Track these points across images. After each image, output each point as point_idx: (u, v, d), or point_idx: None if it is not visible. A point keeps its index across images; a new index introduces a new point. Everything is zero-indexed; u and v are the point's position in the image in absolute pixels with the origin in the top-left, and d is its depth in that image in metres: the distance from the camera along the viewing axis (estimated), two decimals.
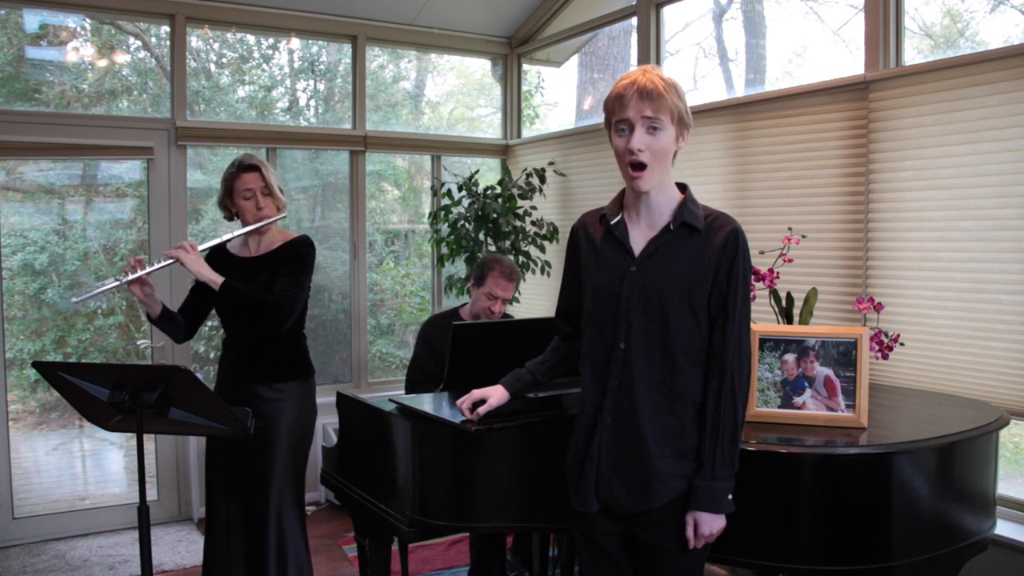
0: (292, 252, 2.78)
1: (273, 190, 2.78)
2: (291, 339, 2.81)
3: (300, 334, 2.87)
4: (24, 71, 4.21)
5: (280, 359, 2.77)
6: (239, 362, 2.79)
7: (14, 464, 4.03)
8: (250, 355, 2.77)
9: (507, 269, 3.28)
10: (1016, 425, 2.81)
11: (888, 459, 1.94)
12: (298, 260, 2.76)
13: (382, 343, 5.41)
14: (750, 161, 3.56)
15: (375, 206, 5.46)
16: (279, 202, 2.81)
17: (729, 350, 1.82)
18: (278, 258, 2.78)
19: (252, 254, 2.83)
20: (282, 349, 2.78)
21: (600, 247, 1.93)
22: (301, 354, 2.85)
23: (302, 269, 2.75)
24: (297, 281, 2.71)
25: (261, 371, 2.75)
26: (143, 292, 2.58)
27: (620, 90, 1.81)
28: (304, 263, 2.76)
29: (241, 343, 2.79)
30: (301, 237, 2.84)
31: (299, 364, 2.83)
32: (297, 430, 2.78)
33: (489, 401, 2.10)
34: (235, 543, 2.76)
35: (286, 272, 2.72)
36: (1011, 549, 2.66)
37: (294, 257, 2.76)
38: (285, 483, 2.75)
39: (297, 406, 2.78)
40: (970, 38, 3.15)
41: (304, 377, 2.83)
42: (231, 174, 2.78)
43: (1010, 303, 2.66)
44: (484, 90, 5.69)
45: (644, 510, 1.85)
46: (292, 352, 2.81)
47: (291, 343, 2.81)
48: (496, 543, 3.24)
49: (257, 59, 5.05)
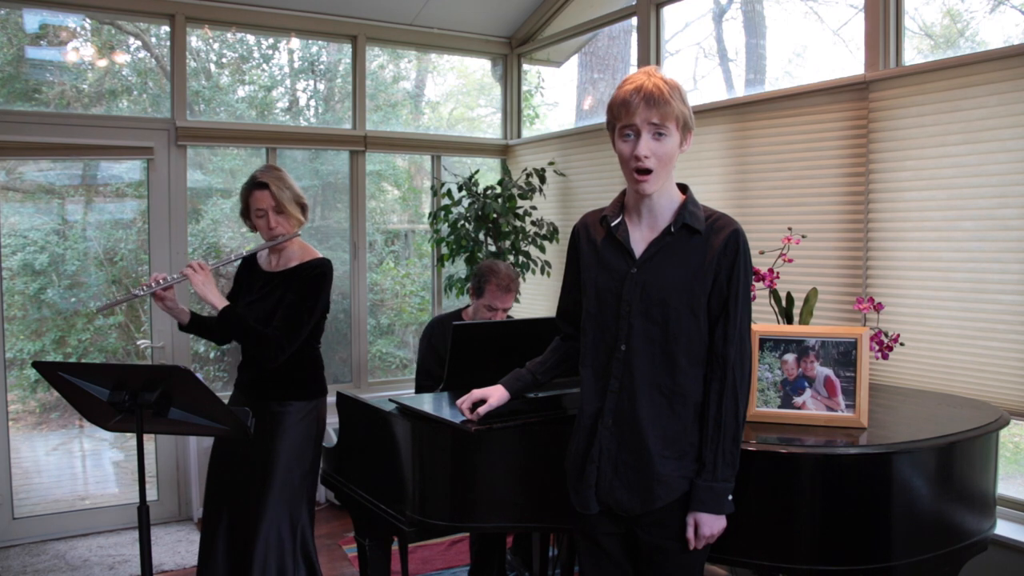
0: (301, 277, 2.71)
1: (285, 208, 2.71)
2: (299, 357, 2.75)
3: (311, 351, 2.82)
4: (24, 71, 4.21)
5: (285, 378, 2.74)
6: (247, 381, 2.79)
7: (14, 464, 4.03)
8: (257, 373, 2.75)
9: (504, 281, 3.19)
10: (1016, 425, 2.80)
11: (888, 459, 1.94)
12: (305, 287, 2.69)
13: (382, 343, 5.41)
14: (750, 161, 3.56)
15: (375, 206, 5.46)
16: (295, 219, 2.74)
17: (731, 351, 1.82)
18: (289, 279, 2.72)
19: (272, 269, 2.80)
20: (288, 368, 2.73)
21: (601, 249, 1.93)
22: (309, 374, 2.80)
23: (306, 298, 2.67)
24: (296, 314, 2.65)
25: (266, 388, 2.74)
26: (165, 305, 2.62)
27: (625, 95, 1.80)
28: (312, 292, 2.69)
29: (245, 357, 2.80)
30: (315, 261, 2.75)
31: (305, 384, 2.78)
32: (297, 449, 2.72)
33: (489, 401, 2.10)
34: (224, 549, 2.73)
35: (288, 302, 2.67)
36: (1011, 549, 2.66)
37: (302, 283, 2.70)
38: (281, 501, 2.69)
39: (298, 425, 2.73)
40: (970, 38, 3.15)
41: (308, 397, 2.77)
42: (246, 190, 2.76)
43: (1010, 303, 2.66)
44: (484, 90, 5.69)
45: (645, 512, 1.85)
46: (300, 371, 2.76)
47: (298, 362, 2.75)
48: (496, 543, 3.24)
49: (257, 59, 5.05)
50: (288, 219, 2.73)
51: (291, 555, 2.75)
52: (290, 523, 2.73)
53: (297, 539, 2.76)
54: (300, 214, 2.78)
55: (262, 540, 2.67)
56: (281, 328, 2.63)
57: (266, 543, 2.68)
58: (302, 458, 2.75)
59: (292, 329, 2.64)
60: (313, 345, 2.83)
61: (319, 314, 2.75)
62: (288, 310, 2.66)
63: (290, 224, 2.74)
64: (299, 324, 2.66)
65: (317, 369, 2.84)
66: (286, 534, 2.72)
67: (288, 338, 2.63)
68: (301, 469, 2.75)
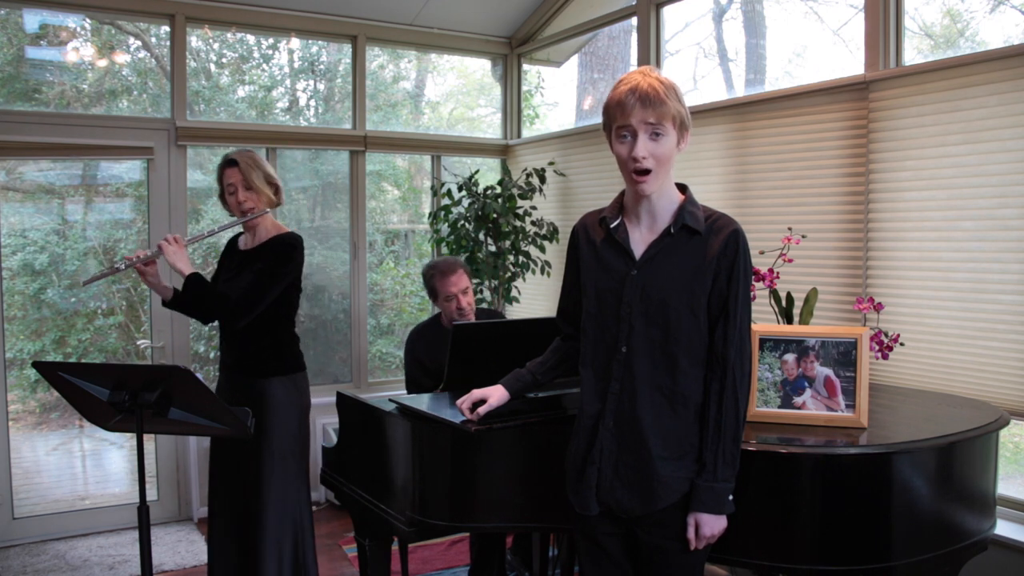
0: (270, 249, 2.79)
1: (254, 184, 2.77)
2: (272, 336, 2.82)
3: (284, 331, 2.88)
4: (24, 71, 4.21)
5: (260, 355, 2.80)
6: (228, 361, 2.87)
7: (14, 464, 4.03)
8: (235, 352, 2.84)
9: (443, 266, 3.24)
10: (1016, 425, 2.80)
11: (888, 459, 1.94)
12: (272, 258, 2.76)
13: (382, 343, 5.42)
14: (750, 161, 3.56)
15: (375, 206, 5.46)
16: (265, 196, 2.81)
17: (731, 351, 1.82)
18: (259, 254, 2.80)
19: (247, 247, 2.88)
20: (262, 345, 2.81)
21: (601, 250, 1.93)
22: (285, 350, 2.86)
23: (273, 268, 2.74)
24: (258, 281, 2.71)
25: (244, 367, 2.82)
26: (147, 280, 2.70)
27: (621, 96, 1.79)
28: (278, 261, 2.76)
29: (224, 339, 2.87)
30: (285, 235, 2.84)
31: (282, 360, 2.84)
32: (280, 424, 2.79)
33: (489, 401, 2.10)
34: (230, 543, 2.78)
35: (256, 269, 2.74)
36: (1011, 549, 2.66)
37: (270, 254, 2.77)
38: (275, 477, 2.76)
39: (278, 401, 2.79)
40: (970, 38, 3.15)
41: (284, 372, 2.84)
42: (219, 168, 2.86)
43: (1010, 303, 2.66)
44: (484, 90, 5.69)
45: (645, 513, 1.85)
46: (273, 348, 2.83)
47: (272, 339, 2.83)
48: (496, 543, 3.24)
49: (257, 59, 5.06)
50: (258, 195, 2.80)
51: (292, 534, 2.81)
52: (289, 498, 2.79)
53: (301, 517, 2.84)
54: (272, 193, 2.84)
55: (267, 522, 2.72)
56: (243, 291, 2.70)
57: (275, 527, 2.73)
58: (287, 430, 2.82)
59: (252, 292, 2.70)
60: (288, 324, 2.90)
61: (285, 285, 2.79)
62: (252, 275, 2.73)
63: (260, 200, 2.80)
64: (260, 288, 2.71)
65: (294, 346, 2.91)
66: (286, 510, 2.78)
67: (246, 299, 2.68)
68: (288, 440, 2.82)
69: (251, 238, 2.88)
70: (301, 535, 2.83)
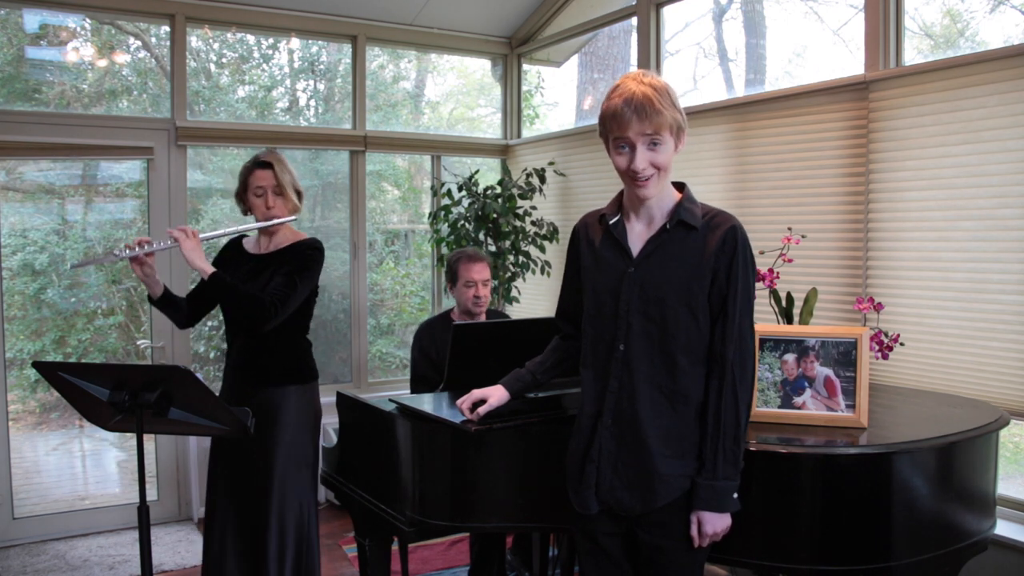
0: (296, 253, 2.75)
1: (285, 190, 2.74)
2: (290, 342, 2.78)
3: (301, 338, 2.84)
4: (24, 71, 4.21)
5: (278, 362, 2.76)
6: (239, 365, 2.79)
7: (14, 464, 4.03)
8: (249, 358, 2.76)
9: (471, 252, 3.31)
10: (1016, 425, 2.80)
11: (888, 459, 1.94)
12: (300, 261, 2.72)
13: (382, 343, 5.42)
14: (750, 161, 3.56)
15: (375, 206, 5.46)
16: (292, 203, 2.78)
17: (729, 349, 1.82)
18: (282, 257, 2.75)
19: (261, 251, 2.82)
20: (280, 352, 2.76)
21: (599, 248, 1.93)
22: (301, 358, 2.83)
23: (302, 271, 2.70)
24: (291, 282, 2.67)
25: (260, 374, 2.74)
26: (143, 272, 2.58)
27: (616, 109, 1.78)
28: (305, 265, 2.72)
29: (237, 343, 2.80)
30: (310, 240, 2.80)
31: (299, 368, 2.80)
32: (295, 434, 2.75)
33: (489, 401, 2.10)
34: (233, 546, 2.75)
35: (284, 272, 2.69)
36: (1011, 549, 2.66)
37: (297, 258, 2.73)
38: (286, 486, 2.72)
39: (295, 409, 2.75)
40: (970, 38, 3.15)
41: (303, 381, 2.80)
42: (247, 168, 2.78)
43: (1010, 303, 2.66)
44: (484, 90, 5.69)
45: (646, 511, 1.85)
46: (290, 356, 2.79)
47: (290, 346, 2.78)
48: (496, 543, 3.24)
49: (257, 59, 5.06)
50: (285, 202, 2.76)
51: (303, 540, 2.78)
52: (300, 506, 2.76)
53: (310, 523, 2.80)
54: (297, 200, 2.81)
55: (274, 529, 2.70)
56: (276, 292, 2.63)
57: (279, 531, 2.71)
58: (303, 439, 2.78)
59: (287, 293, 2.64)
60: (305, 331, 2.86)
61: (309, 291, 2.76)
62: (285, 277, 2.67)
63: (286, 207, 2.77)
64: (294, 289, 2.66)
65: (308, 354, 2.87)
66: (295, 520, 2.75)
67: (282, 301, 2.62)
68: (303, 449, 2.77)
69: (267, 242, 2.82)
70: (307, 546, 2.80)
